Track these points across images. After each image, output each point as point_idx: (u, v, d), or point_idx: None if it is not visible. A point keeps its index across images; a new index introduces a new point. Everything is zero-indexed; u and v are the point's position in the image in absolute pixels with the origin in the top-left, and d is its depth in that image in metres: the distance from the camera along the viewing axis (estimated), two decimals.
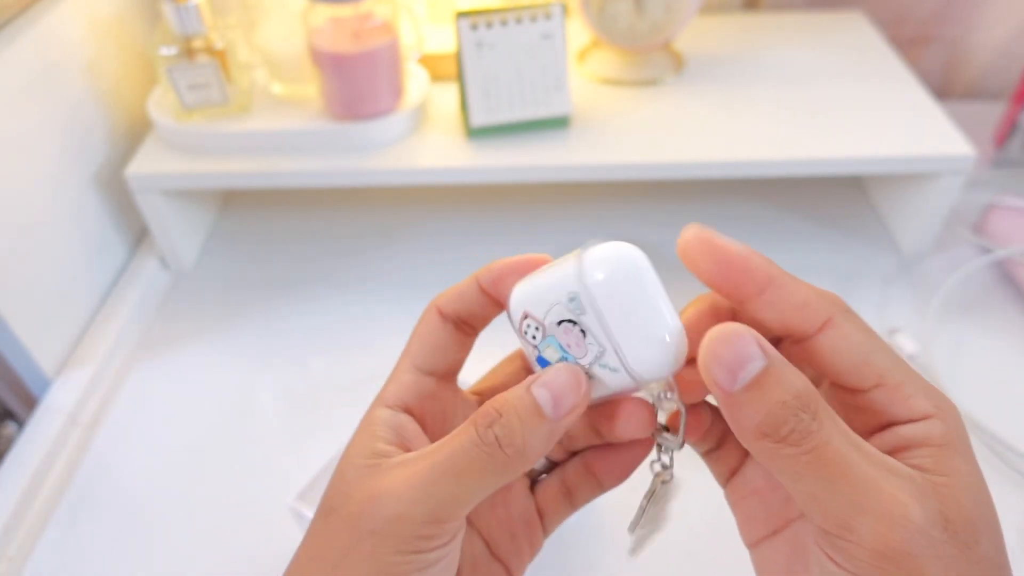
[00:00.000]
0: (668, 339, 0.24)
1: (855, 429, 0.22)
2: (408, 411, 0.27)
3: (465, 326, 0.28)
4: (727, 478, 0.29)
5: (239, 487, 0.50)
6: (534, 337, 0.26)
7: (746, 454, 0.29)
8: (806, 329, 0.24)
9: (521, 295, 0.26)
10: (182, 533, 0.48)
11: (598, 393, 0.26)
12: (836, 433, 0.22)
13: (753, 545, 0.28)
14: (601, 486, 0.29)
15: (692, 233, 0.25)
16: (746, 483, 0.28)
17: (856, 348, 0.23)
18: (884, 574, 0.20)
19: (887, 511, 0.20)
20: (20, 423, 0.55)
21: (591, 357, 0.25)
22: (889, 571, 0.20)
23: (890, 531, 0.20)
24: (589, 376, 0.25)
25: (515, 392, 0.25)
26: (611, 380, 0.25)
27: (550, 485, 0.30)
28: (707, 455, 0.30)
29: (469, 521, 0.29)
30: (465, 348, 0.29)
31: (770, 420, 0.21)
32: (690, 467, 0.31)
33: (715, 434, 0.29)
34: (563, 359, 0.25)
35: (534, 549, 0.30)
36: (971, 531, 0.21)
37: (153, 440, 0.54)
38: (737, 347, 0.22)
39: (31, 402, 0.54)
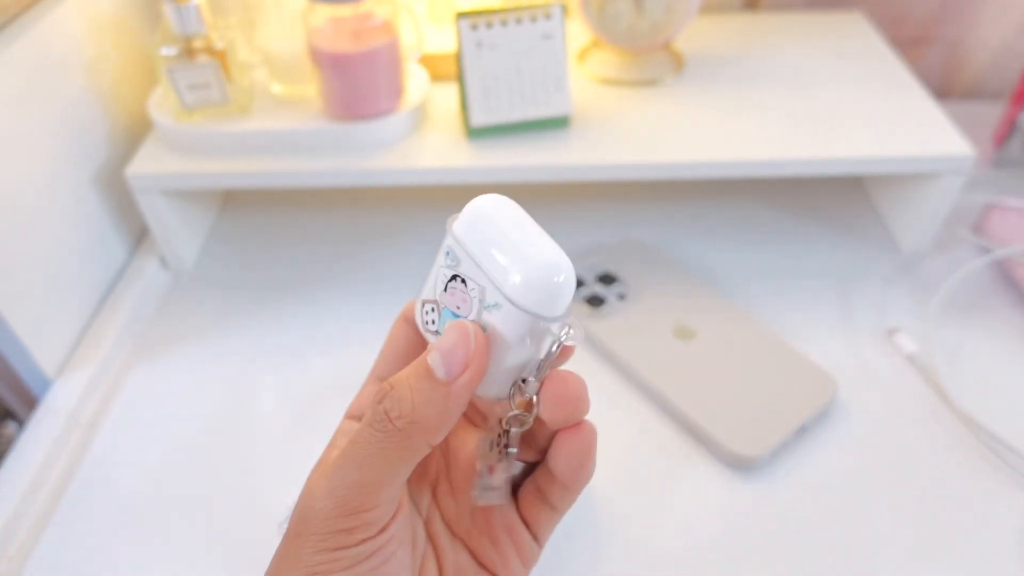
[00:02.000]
0: (542, 256, 0.24)
1: None
2: None
3: None
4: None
5: (239, 487, 0.50)
6: (433, 322, 0.25)
7: None
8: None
9: (420, 294, 0.26)
10: (182, 533, 0.48)
11: (504, 349, 0.24)
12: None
13: None
14: (565, 486, 0.27)
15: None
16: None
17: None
18: None
19: None
20: (20, 423, 0.55)
21: (476, 305, 0.24)
22: None
23: None
24: (485, 329, 0.24)
25: (411, 364, 0.24)
26: (502, 321, 0.24)
27: (527, 490, 0.29)
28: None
29: (452, 532, 0.28)
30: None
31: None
32: (690, 467, 0.31)
33: None
34: None
35: (525, 556, 0.29)
36: None
37: (153, 440, 0.54)
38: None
39: (31, 402, 0.54)
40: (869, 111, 0.64)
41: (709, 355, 0.55)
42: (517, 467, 0.27)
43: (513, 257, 0.24)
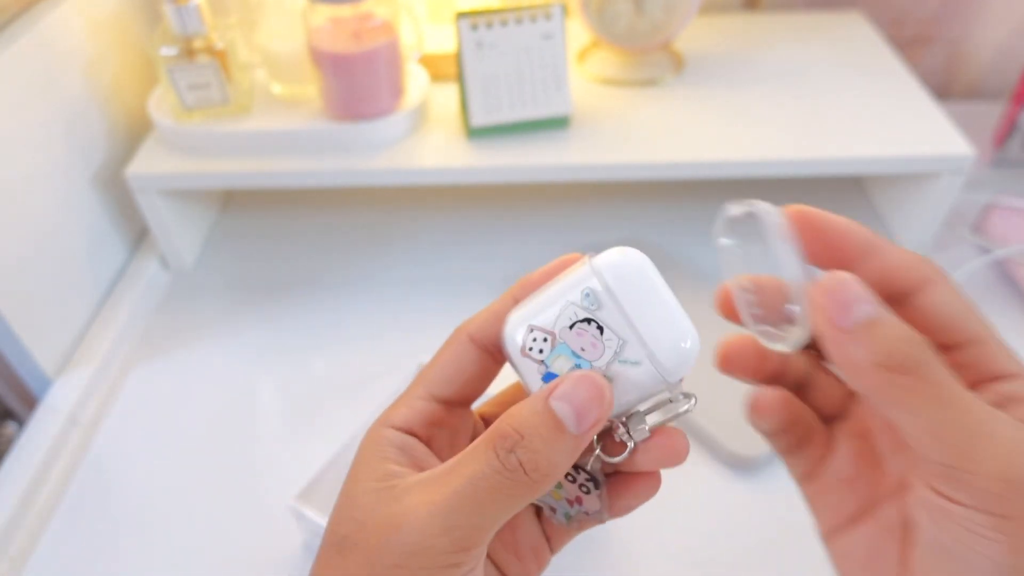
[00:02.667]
0: (686, 327, 0.24)
1: None
2: (414, 436, 0.26)
3: (498, 352, 0.27)
4: (807, 474, 0.29)
5: (239, 487, 0.50)
6: (541, 351, 0.25)
7: (828, 450, 0.28)
8: (907, 289, 0.25)
9: (522, 313, 0.25)
10: (182, 532, 0.48)
11: (619, 399, 0.25)
12: (947, 373, 0.22)
13: (832, 536, 0.28)
14: (615, 514, 0.28)
15: (795, 210, 0.26)
16: (832, 474, 0.28)
17: (954, 306, 0.24)
18: (1006, 503, 0.20)
19: (1010, 438, 0.21)
20: (20, 423, 0.55)
21: (609, 355, 0.24)
22: (1011, 499, 0.20)
23: (1013, 456, 0.20)
24: (607, 379, 0.24)
25: (532, 407, 0.23)
26: (633, 377, 0.24)
27: None
28: (788, 453, 0.29)
29: None
30: (491, 376, 0.27)
31: (888, 351, 0.22)
32: (690, 467, 0.31)
33: (797, 432, 0.28)
34: (577, 367, 0.24)
35: (541, 567, 0.30)
36: None
37: (153, 440, 0.54)
38: (849, 287, 0.22)
39: (31, 402, 0.54)
40: (869, 111, 0.64)
41: (709, 355, 0.55)
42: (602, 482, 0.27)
43: (663, 319, 0.24)
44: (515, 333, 0.25)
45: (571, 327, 0.24)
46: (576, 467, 0.26)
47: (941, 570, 0.22)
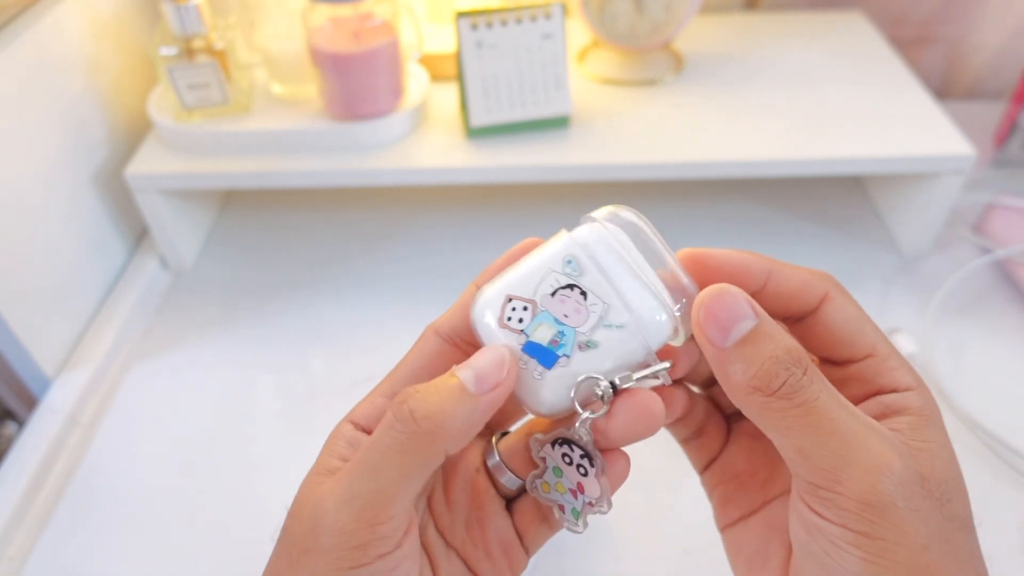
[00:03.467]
0: (664, 295, 0.24)
1: None
2: (370, 432, 0.26)
3: (467, 345, 0.27)
4: (705, 465, 0.30)
5: (238, 487, 0.50)
6: (520, 320, 0.24)
7: (725, 441, 0.29)
8: (807, 308, 0.25)
9: (497, 287, 0.25)
10: (182, 533, 0.48)
11: (602, 364, 0.24)
12: (824, 390, 0.22)
13: (727, 527, 0.29)
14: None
15: (684, 254, 0.25)
16: (726, 468, 0.29)
17: (852, 320, 0.25)
18: (866, 523, 0.21)
19: (873, 463, 0.22)
20: (20, 423, 0.55)
21: (594, 320, 0.24)
22: (872, 520, 0.21)
23: (876, 481, 0.21)
24: (590, 345, 0.24)
25: (439, 377, 0.24)
26: (617, 341, 0.24)
27: (526, 506, 0.29)
28: (686, 443, 0.30)
29: (446, 541, 0.28)
30: None
31: (762, 374, 0.22)
32: (690, 467, 0.31)
33: (695, 421, 0.29)
34: (560, 334, 0.24)
35: (515, 568, 0.28)
36: (944, 489, 0.22)
37: (153, 440, 0.54)
38: (729, 305, 0.23)
39: (31, 402, 0.54)
40: (869, 111, 0.64)
41: None
42: (601, 462, 0.26)
43: (648, 281, 0.24)
44: (488, 307, 0.25)
45: (553, 294, 0.24)
46: (570, 444, 0.25)
47: None
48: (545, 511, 0.28)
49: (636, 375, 0.25)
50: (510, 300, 0.25)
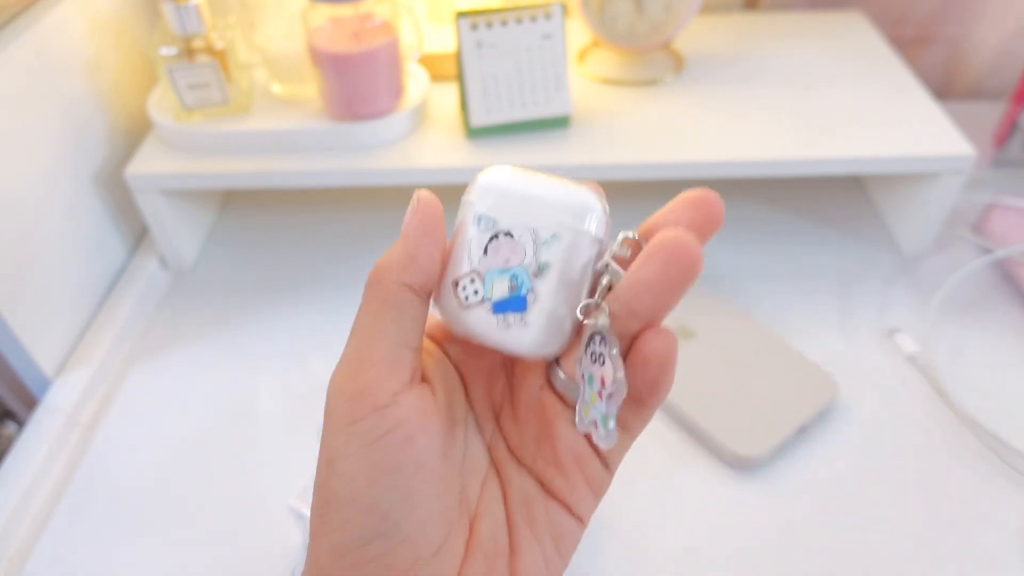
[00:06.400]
0: (574, 188, 0.26)
1: None
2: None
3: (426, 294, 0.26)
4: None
5: (239, 486, 0.50)
6: (476, 292, 0.26)
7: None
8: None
9: (443, 284, 0.26)
10: (182, 532, 0.48)
11: (570, 278, 0.25)
12: None
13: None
14: (640, 401, 0.25)
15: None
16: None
17: None
18: None
19: None
20: (20, 423, 0.55)
21: (532, 247, 0.25)
22: None
23: None
24: (542, 268, 0.25)
25: None
26: (563, 251, 0.25)
27: None
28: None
29: (515, 456, 0.28)
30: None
31: None
32: (690, 467, 0.31)
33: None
34: (513, 277, 0.25)
35: (594, 485, 0.27)
36: None
37: (153, 440, 0.54)
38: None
39: (31, 402, 0.54)
40: (869, 111, 0.64)
41: (709, 355, 0.55)
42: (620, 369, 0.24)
43: (556, 194, 0.25)
44: (447, 308, 0.26)
45: (485, 253, 0.25)
46: (592, 337, 0.25)
47: None
48: (620, 420, 0.26)
49: (607, 256, 0.25)
50: (457, 284, 0.26)
